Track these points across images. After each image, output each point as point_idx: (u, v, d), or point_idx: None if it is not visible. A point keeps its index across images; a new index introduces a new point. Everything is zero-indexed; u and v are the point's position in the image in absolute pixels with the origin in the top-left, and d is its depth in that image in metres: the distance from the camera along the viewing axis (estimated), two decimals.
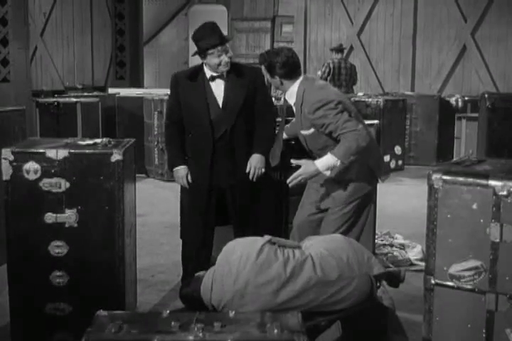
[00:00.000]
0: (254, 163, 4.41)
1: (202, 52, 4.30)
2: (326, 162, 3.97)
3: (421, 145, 11.03)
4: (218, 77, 4.39)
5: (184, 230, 4.70)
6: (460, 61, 12.89)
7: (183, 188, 4.62)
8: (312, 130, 4.12)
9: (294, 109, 4.23)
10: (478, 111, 6.64)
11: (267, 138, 4.46)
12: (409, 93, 12.17)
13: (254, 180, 4.41)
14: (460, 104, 10.94)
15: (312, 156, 4.23)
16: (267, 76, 4.24)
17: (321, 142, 4.14)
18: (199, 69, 4.46)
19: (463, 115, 8.89)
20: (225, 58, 4.28)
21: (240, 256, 3.43)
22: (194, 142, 4.45)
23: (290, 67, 4.14)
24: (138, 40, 14.85)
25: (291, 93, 4.19)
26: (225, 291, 3.37)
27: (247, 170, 4.41)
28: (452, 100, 11.03)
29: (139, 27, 14.90)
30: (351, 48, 13.98)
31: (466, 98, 10.97)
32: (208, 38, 4.27)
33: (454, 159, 9.08)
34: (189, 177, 4.47)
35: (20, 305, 3.83)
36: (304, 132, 4.18)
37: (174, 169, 4.52)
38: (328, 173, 4.03)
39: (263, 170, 4.42)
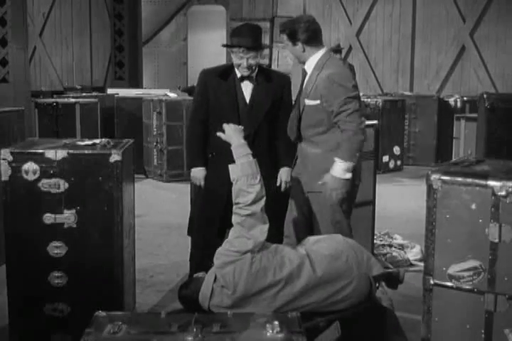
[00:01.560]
0: (285, 178, 4.43)
1: (227, 47, 4.38)
2: (339, 168, 3.97)
3: (420, 146, 11.04)
4: (248, 78, 4.39)
5: (200, 231, 4.63)
6: (459, 61, 12.91)
7: (200, 188, 4.57)
8: (318, 102, 4.08)
9: (308, 77, 4.16)
10: (477, 112, 6.63)
11: (292, 150, 4.39)
12: (408, 93, 12.18)
13: (283, 191, 4.43)
14: (459, 104, 10.96)
15: (296, 139, 4.21)
16: (288, 46, 4.17)
17: (316, 118, 4.11)
18: (230, 68, 4.45)
19: (462, 115, 8.89)
20: (244, 62, 4.26)
21: (234, 267, 3.42)
22: (220, 140, 4.42)
23: (313, 32, 4.11)
24: (137, 41, 14.86)
25: (312, 61, 4.14)
26: (223, 300, 3.37)
27: (278, 184, 4.42)
28: (451, 100, 11.04)
29: (138, 27, 14.91)
30: (350, 48, 13.99)
31: (465, 98, 10.99)
32: (239, 36, 4.26)
33: (453, 159, 9.09)
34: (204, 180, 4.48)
35: (19, 306, 3.82)
36: (308, 102, 4.12)
37: (193, 169, 4.51)
38: (349, 176, 3.99)
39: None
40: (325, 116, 4.08)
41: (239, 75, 4.40)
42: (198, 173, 4.49)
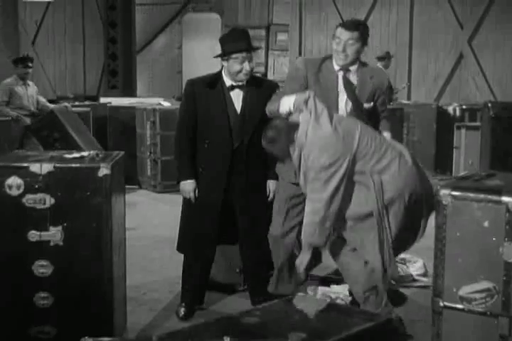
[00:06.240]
0: (273, 189, 4.42)
1: (226, 55, 4.20)
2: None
3: (418, 155, 10.76)
4: (238, 87, 4.28)
5: (192, 245, 4.48)
6: (457, 69, 12.82)
7: (189, 202, 4.41)
8: (371, 104, 4.33)
9: (359, 82, 4.28)
10: (480, 121, 6.50)
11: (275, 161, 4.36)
12: (406, 101, 12.07)
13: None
14: (458, 112, 10.83)
15: None
16: (355, 45, 4.19)
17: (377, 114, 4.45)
18: (217, 77, 4.33)
19: (462, 124, 8.77)
20: (246, 66, 4.18)
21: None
22: (211, 151, 4.30)
23: None
24: (131, 49, 14.77)
25: (356, 66, 4.30)
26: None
27: (268, 195, 4.42)
28: (450, 109, 10.91)
29: (132, 35, 14.82)
30: None
31: (464, 106, 10.85)
32: (236, 42, 4.19)
33: (454, 170, 8.95)
34: (196, 191, 4.33)
35: (3, 328, 3.65)
36: (366, 105, 4.31)
37: (182, 182, 4.35)
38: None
39: None
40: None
41: (228, 84, 4.29)
42: (188, 186, 4.33)
